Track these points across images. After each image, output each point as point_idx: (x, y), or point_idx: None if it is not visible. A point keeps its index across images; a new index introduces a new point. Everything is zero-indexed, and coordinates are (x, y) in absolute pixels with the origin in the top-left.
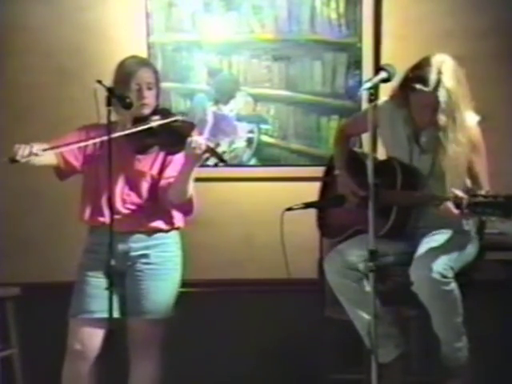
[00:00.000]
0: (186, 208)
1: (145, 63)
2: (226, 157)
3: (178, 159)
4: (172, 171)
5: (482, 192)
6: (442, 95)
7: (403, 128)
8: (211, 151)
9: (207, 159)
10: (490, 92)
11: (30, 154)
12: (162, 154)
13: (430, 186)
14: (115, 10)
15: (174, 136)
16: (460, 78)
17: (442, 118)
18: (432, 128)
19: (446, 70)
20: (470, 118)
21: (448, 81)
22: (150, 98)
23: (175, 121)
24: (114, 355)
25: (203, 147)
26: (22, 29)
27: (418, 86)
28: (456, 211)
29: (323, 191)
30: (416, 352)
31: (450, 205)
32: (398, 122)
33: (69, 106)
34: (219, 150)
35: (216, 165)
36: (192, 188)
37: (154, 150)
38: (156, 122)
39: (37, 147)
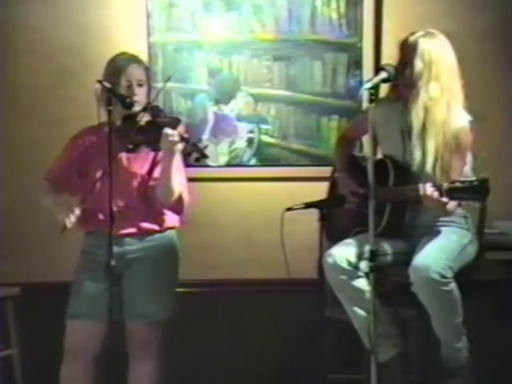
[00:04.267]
0: (176, 207)
1: (135, 60)
2: (226, 157)
3: None
4: (159, 171)
5: (460, 179)
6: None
7: (397, 121)
8: (186, 141)
9: (189, 154)
10: (488, 92)
11: (75, 216)
12: (151, 154)
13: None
14: (116, 10)
15: (159, 132)
16: (434, 56)
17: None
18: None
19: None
20: (460, 118)
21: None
22: (140, 95)
23: (160, 116)
24: (112, 355)
25: (176, 138)
26: (24, 29)
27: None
28: (436, 196)
29: (331, 192)
30: (416, 352)
31: (430, 191)
32: (392, 116)
33: (70, 106)
34: (204, 147)
35: (198, 159)
36: (179, 187)
37: (144, 148)
38: (143, 118)
39: (76, 209)
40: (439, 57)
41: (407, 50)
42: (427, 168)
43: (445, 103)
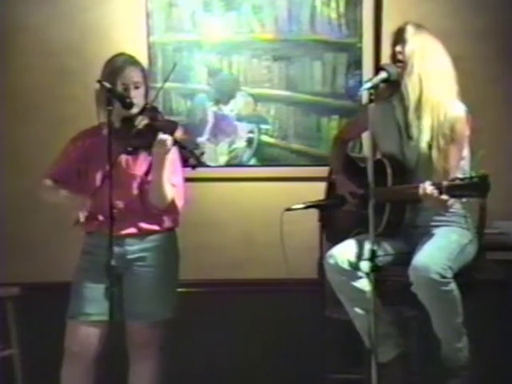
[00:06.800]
0: (171, 211)
1: (132, 61)
2: (226, 157)
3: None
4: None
5: (459, 175)
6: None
7: (393, 117)
8: (183, 148)
9: (187, 160)
10: (488, 92)
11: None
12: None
13: (419, 178)
14: (116, 10)
15: (156, 136)
16: (427, 44)
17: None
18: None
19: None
20: (456, 107)
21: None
22: (137, 97)
23: (158, 120)
24: (112, 356)
25: (169, 143)
26: (24, 29)
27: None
28: (436, 194)
29: (329, 192)
30: (416, 352)
31: (430, 190)
32: (388, 112)
33: (70, 106)
34: (200, 153)
35: (194, 167)
36: (171, 191)
37: (142, 151)
38: (142, 122)
39: (87, 202)
40: (431, 42)
41: (399, 34)
42: (423, 146)
43: (439, 86)
